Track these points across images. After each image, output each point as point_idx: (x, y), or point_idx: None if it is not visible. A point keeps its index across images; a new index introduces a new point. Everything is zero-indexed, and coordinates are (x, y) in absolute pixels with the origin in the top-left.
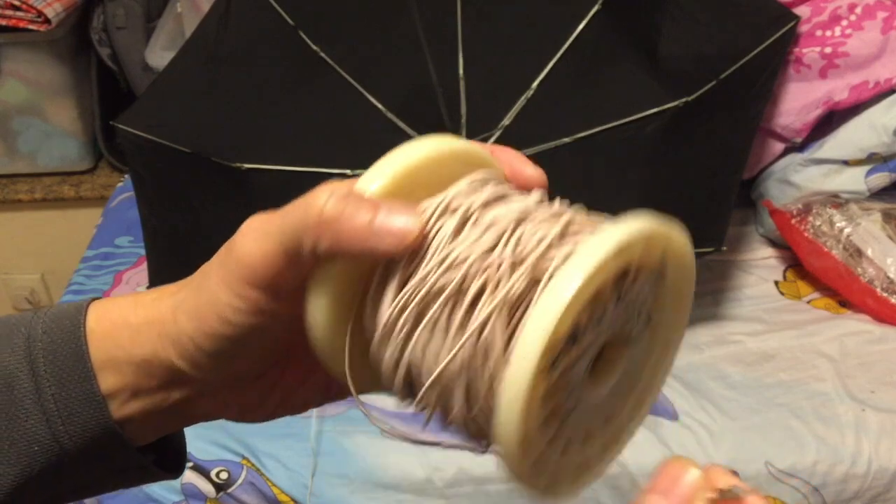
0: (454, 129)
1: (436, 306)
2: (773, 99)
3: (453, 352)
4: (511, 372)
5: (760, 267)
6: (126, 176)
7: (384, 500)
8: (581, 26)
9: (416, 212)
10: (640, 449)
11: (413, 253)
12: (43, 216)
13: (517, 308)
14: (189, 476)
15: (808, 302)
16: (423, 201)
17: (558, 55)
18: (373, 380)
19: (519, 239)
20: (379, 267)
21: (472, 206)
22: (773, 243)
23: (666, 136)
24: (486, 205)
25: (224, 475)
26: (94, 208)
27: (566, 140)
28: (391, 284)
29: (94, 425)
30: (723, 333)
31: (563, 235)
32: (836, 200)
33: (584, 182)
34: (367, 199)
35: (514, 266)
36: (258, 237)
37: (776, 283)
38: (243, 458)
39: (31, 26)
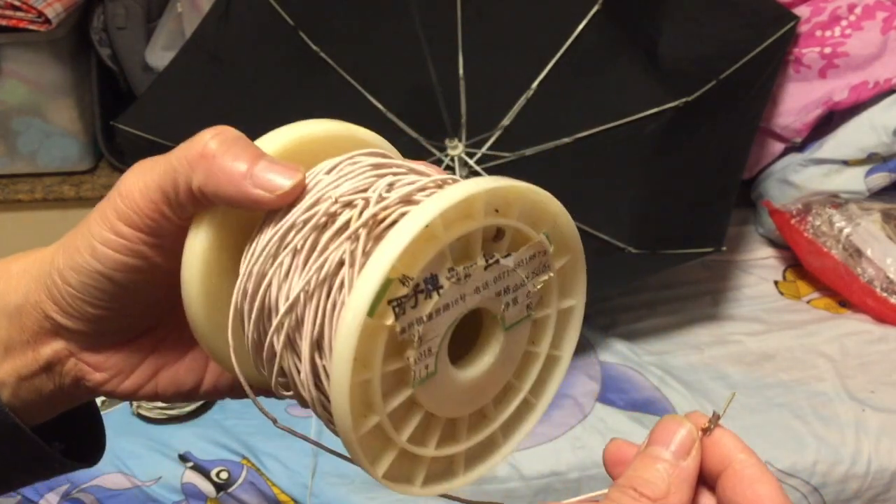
0: (454, 130)
1: (299, 236)
2: (772, 99)
3: (308, 275)
4: (349, 302)
5: (760, 267)
6: None
7: (384, 500)
8: (581, 26)
9: (297, 168)
10: None
11: (290, 205)
12: (43, 216)
13: (377, 242)
14: (189, 476)
15: (808, 302)
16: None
17: (558, 55)
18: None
19: (393, 184)
20: (259, 220)
21: (358, 164)
22: (773, 243)
23: (666, 136)
24: (370, 164)
25: (224, 475)
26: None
27: (566, 140)
28: (263, 230)
29: None
30: (722, 333)
31: (440, 186)
32: (835, 200)
33: (584, 182)
34: (252, 147)
35: (381, 201)
36: (140, 171)
37: (776, 283)
38: (243, 457)
39: (31, 26)
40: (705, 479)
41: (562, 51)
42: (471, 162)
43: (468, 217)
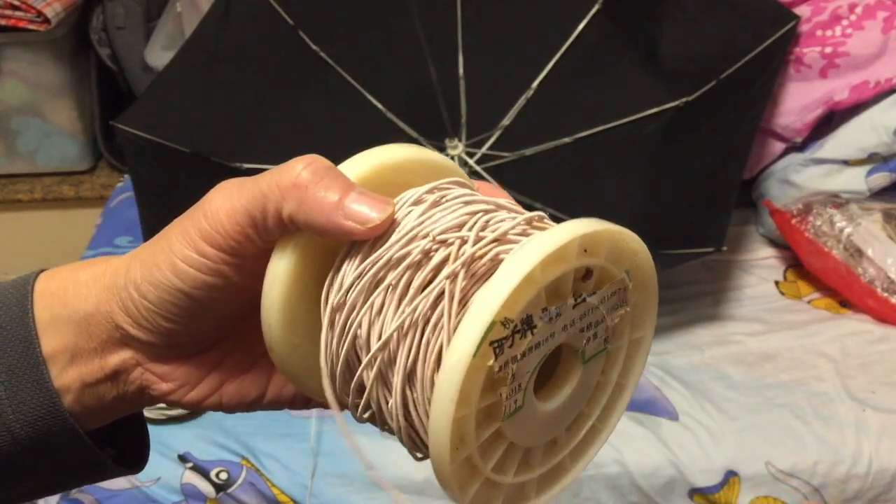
0: (454, 129)
1: (393, 274)
2: (773, 99)
3: (403, 315)
4: (454, 344)
5: (761, 267)
6: (126, 176)
7: (384, 500)
8: (581, 26)
9: (387, 201)
10: (640, 449)
11: (378, 237)
12: (42, 216)
13: (475, 283)
14: (189, 476)
15: (809, 302)
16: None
17: (558, 55)
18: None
19: (487, 222)
20: (343, 248)
21: (445, 196)
22: (774, 243)
23: (666, 135)
24: (458, 198)
25: (224, 475)
26: (94, 208)
27: (566, 140)
28: (351, 261)
29: (41, 406)
30: (723, 333)
31: (530, 223)
32: (836, 200)
33: (584, 182)
34: (342, 178)
35: (478, 241)
36: (228, 194)
37: (776, 283)
38: (243, 458)
39: (30, 26)
40: None
41: (562, 51)
42: (471, 162)
43: (562, 259)
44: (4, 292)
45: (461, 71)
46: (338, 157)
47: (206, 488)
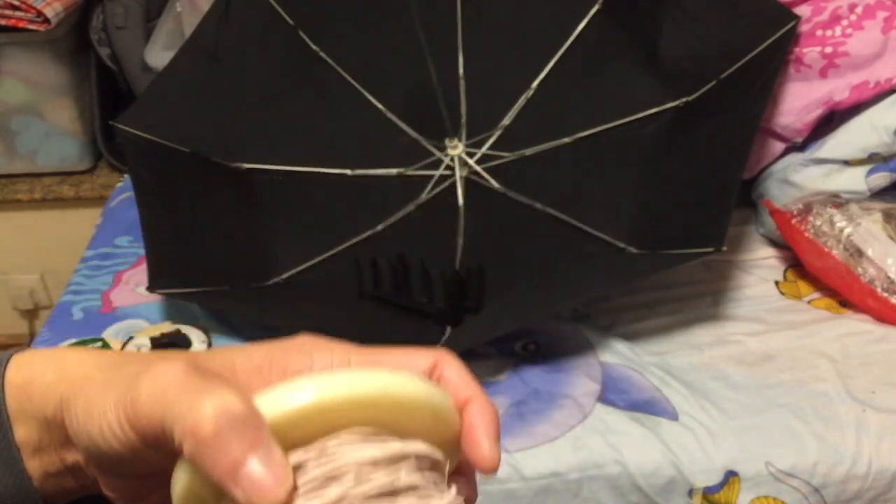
0: (454, 129)
1: None
2: (773, 99)
3: None
4: None
5: (760, 267)
6: (126, 176)
7: None
8: (581, 26)
9: (283, 479)
10: (641, 449)
11: None
12: (42, 216)
13: None
14: None
15: (809, 302)
16: (317, 448)
17: (558, 55)
18: None
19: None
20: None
21: (351, 493)
22: (774, 243)
23: (666, 135)
24: (368, 498)
25: None
26: (94, 208)
27: (566, 140)
28: None
29: (12, 486)
30: (723, 333)
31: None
32: (836, 200)
33: (584, 182)
34: (251, 432)
35: None
36: (153, 398)
37: (776, 283)
38: None
39: (30, 26)
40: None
41: (562, 51)
42: (471, 162)
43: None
44: None
45: (461, 71)
46: (338, 156)
47: None
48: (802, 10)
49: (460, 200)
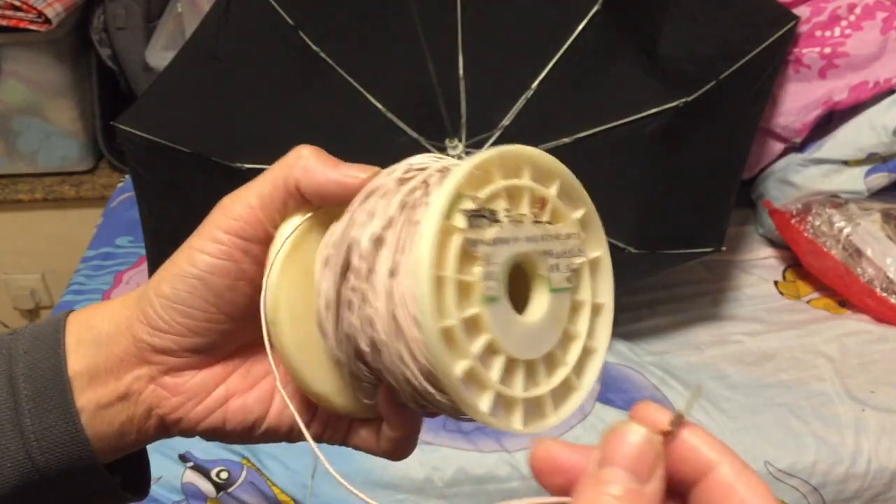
0: (454, 130)
1: (380, 192)
2: (772, 99)
3: (390, 207)
4: (429, 210)
5: (760, 267)
6: (126, 176)
7: (384, 500)
8: (581, 26)
9: (371, 167)
10: None
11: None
12: (43, 216)
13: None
14: (189, 476)
15: (808, 302)
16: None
17: (558, 55)
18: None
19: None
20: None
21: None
22: (773, 243)
23: (666, 136)
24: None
25: (224, 475)
26: (95, 208)
27: (566, 140)
28: (341, 220)
29: (64, 432)
30: (722, 333)
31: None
32: (835, 200)
33: (584, 182)
34: (334, 157)
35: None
36: (238, 191)
37: (776, 283)
38: (243, 457)
39: (31, 26)
40: (672, 489)
41: (562, 51)
42: None
43: (516, 173)
44: (40, 327)
45: (461, 71)
46: (338, 157)
47: (207, 488)
48: (802, 11)
49: None
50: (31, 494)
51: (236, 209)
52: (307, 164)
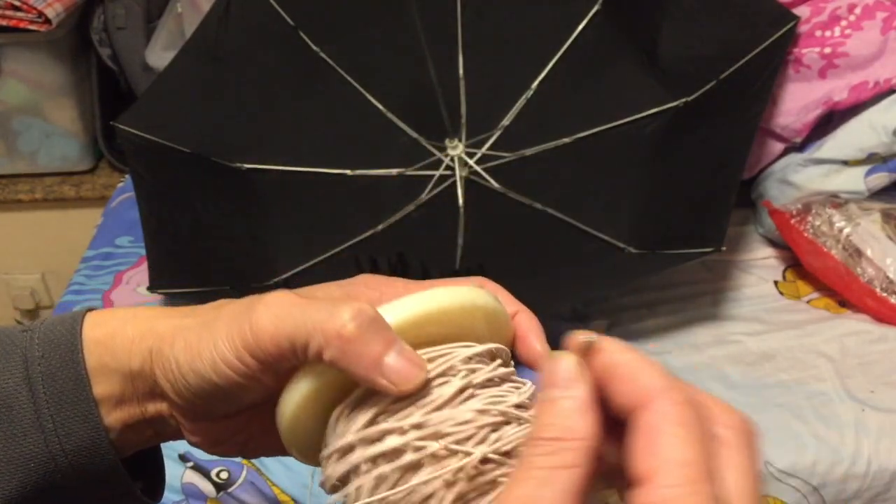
0: (454, 130)
1: (390, 466)
2: (772, 99)
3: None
4: None
5: (760, 267)
6: (126, 176)
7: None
8: (581, 26)
9: (422, 365)
10: None
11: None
12: (43, 216)
13: (470, 497)
14: (189, 476)
15: (808, 302)
16: (429, 350)
17: (558, 55)
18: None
19: (497, 439)
20: (362, 388)
21: (472, 381)
22: (773, 243)
23: (666, 136)
24: (483, 385)
25: (224, 475)
26: (95, 208)
27: (566, 140)
28: (365, 410)
29: (87, 438)
30: (722, 333)
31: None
32: (835, 200)
33: (584, 182)
34: (385, 331)
35: (482, 464)
36: (276, 318)
37: (776, 283)
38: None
39: (31, 26)
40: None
41: (562, 51)
42: (471, 162)
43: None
44: (53, 329)
45: (461, 71)
46: (338, 156)
47: (207, 488)
48: (802, 11)
49: (460, 200)
50: (52, 493)
51: (267, 344)
52: (346, 348)
